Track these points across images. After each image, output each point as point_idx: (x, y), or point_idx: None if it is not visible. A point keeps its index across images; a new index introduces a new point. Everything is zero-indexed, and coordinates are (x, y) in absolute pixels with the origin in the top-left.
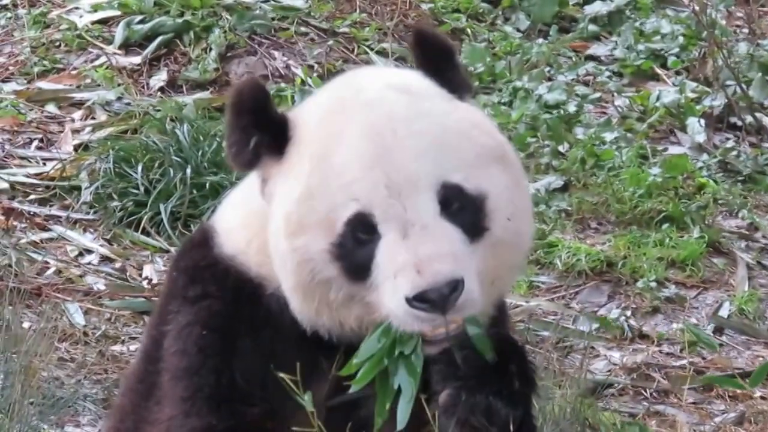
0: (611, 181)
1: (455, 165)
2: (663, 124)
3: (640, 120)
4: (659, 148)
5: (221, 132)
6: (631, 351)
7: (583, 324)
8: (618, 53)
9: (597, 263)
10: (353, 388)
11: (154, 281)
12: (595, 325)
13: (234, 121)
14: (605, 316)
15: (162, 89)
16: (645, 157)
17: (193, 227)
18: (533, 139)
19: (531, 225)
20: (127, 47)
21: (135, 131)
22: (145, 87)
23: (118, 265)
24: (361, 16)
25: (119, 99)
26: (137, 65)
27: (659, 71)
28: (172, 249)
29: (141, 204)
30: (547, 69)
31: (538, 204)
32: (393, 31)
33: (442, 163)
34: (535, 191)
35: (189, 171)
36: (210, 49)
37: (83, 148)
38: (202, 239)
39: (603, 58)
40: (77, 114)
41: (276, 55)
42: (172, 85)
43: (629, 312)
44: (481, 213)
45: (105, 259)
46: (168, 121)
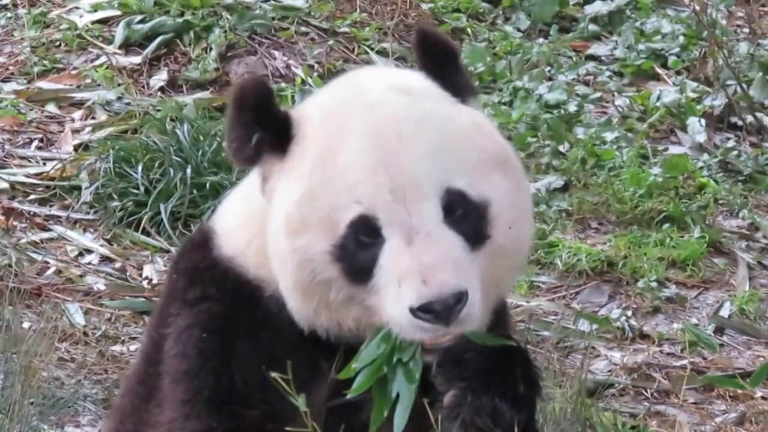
0: (612, 181)
1: (459, 170)
2: (663, 123)
3: (640, 120)
4: (660, 147)
5: (221, 132)
6: (632, 351)
7: (584, 324)
8: (618, 53)
9: (597, 263)
10: (351, 394)
11: (154, 281)
12: (596, 325)
13: (236, 117)
14: (606, 315)
15: (162, 89)
16: (645, 157)
17: (194, 227)
18: (534, 139)
19: (531, 230)
20: (127, 47)
21: (135, 131)
22: (146, 87)
23: (118, 265)
24: (362, 15)
25: (119, 99)
26: (137, 65)
27: (660, 71)
28: (172, 249)
29: (141, 204)
30: (548, 69)
31: (538, 204)
32: (393, 31)
33: (446, 168)
34: (536, 191)
35: (189, 171)
36: (210, 49)
37: (83, 148)
38: (201, 240)
39: (603, 57)
40: (77, 114)
41: (276, 55)
42: (172, 85)
43: (630, 312)
44: (483, 220)
45: (105, 259)
46: (168, 121)
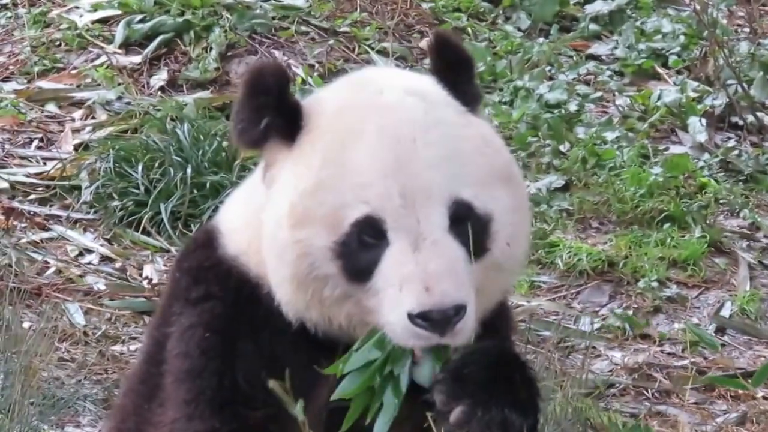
0: (612, 181)
1: (467, 181)
2: (664, 123)
3: (641, 119)
4: (660, 147)
5: (222, 131)
6: (633, 351)
7: (585, 324)
8: (619, 52)
9: (598, 263)
10: (335, 397)
11: (154, 281)
12: (597, 325)
13: (248, 99)
14: (609, 313)
15: (162, 89)
16: (646, 157)
17: (194, 227)
18: (534, 139)
19: (526, 249)
20: (128, 46)
21: (135, 131)
22: (146, 86)
23: (118, 265)
24: (362, 15)
25: (119, 98)
26: (137, 65)
27: (660, 70)
28: (172, 249)
29: (141, 204)
30: (548, 68)
31: (539, 203)
32: (394, 31)
33: (456, 178)
34: (537, 190)
35: (189, 170)
36: (210, 49)
37: (83, 147)
38: (205, 240)
39: (604, 57)
40: (77, 113)
41: (276, 55)
42: (172, 85)
43: (631, 312)
44: (485, 234)
45: (105, 259)
46: (168, 121)
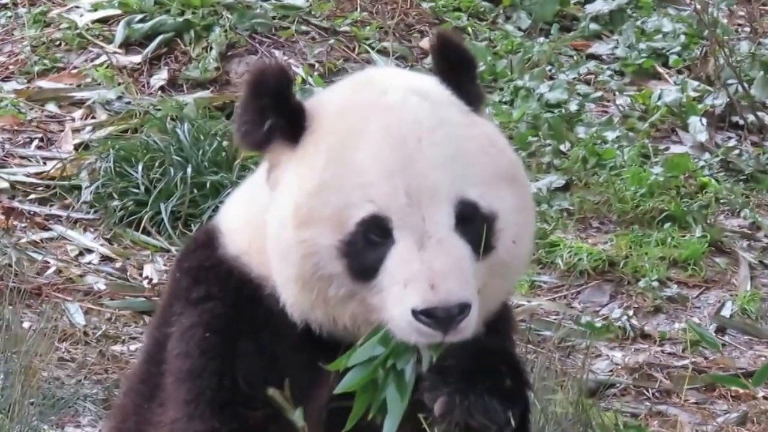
0: (613, 181)
1: (473, 181)
2: (664, 123)
3: (641, 119)
4: (661, 147)
5: (222, 131)
6: (633, 351)
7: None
8: (619, 52)
9: (599, 263)
10: (338, 390)
11: (154, 281)
12: (597, 325)
13: (251, 101)
14: (608, 315)
15: (162, 88)
16: (646, 156)
17: (194, 227)
18: (535, 138)
19: (531, 248)
20: (128, 46)
21: (135, 130)
22: (146, 86)
23: (118, 265)
24: (362, 14)
25: (119, 98)
26: (138, 64)
27: (661, 70)
28: (172, 248)
29: (141, 203)
30: (549, 68)
31: (539, 203)
32: (394, 30)
33: (461, 177)
34: (537, 190)
35: (189, 170)
36: (210, 48)
37: (83, 147)
38: (206, 240)
39: (604, 56)
40: (77, 113)
41: (277, 54)
42: (172, 84)
43: (631, 312)
44: (491, 233)
45: (105, 259)
46: (168, 121)
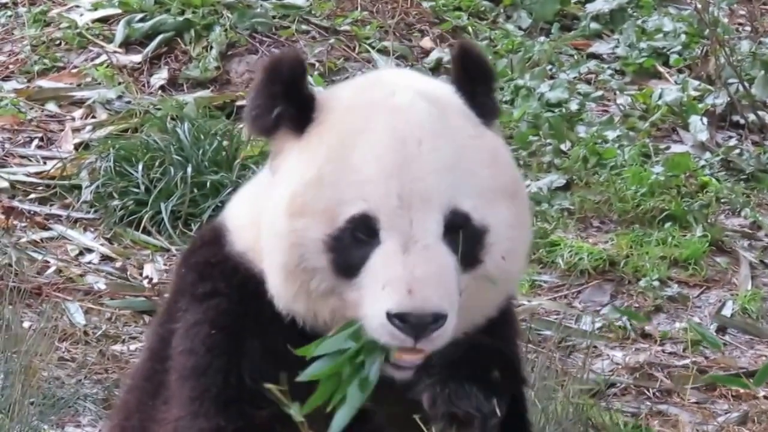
0: (613, 180)
1: (468, 192)
2: (665, 122)
3: (642, 118)
4: (661, 146)
5: (222, 130)
6: (634, 350)
7: (586, 323)
8: (620, 51)
9: (599, 262)
10: (302, 378)
11: (154, 280)
12: (598, 324)
13: (263, 87)
14: (608, 314)
15: (163, 88)
16: (647, 156)
17: (194, 226)
18: (535, 138)
19: (522, 264)
20: (128, 45)
21: (135, 130)
22: (146, 85)
23: (118, 265)
24: (363, 14)
25: (120, 97)
26: (138, 64)
27: (661, 69)
28: (172, 248)
29: (141, 203)
30: (549, 67)
31: (540, 203)
32: (394, 30)
33: (457, 187)
34: (537, 190)
35: (190, 170)
36: (211, 48)
37: (84, 146)
38: (213, 237)
39: (605, 56)
40: (78, 113)
41: None
42: (172, 84)
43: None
44: (479, 245)
45: (105, 259)
46: (169, 120)
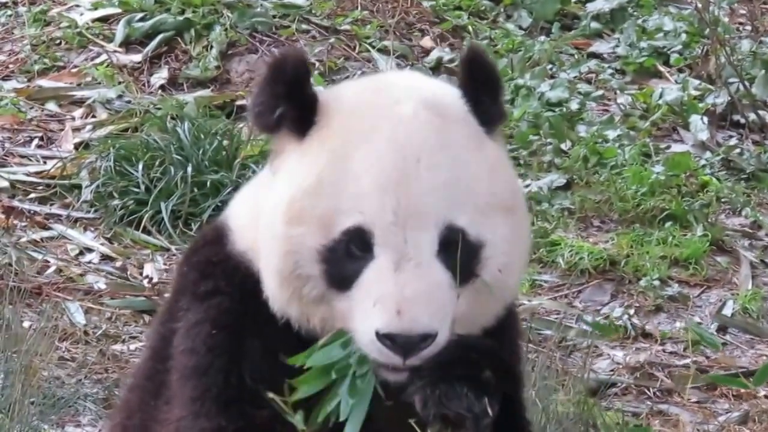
0: (614, 179)
1: (464, 208)
2: (666, 121)
3: (642, 118)
4: (662, 145)
5: (222, 130)
6: (634, 350)
7: (586, 323)
8: (620, 51)
9: (600, 262)
10: (298, 395)
11: (154, 280)
12: (589, 326)
13: (267, 85)
14: (609, 314)
15: (163, 87)
16: (648, 155)
17: (194, 226)
18: (535, 137)
19: (520, 276)
20: (128, 45)
21: (136, 129)
22: (146, 85)
23: (118, 264)
24: (363, 13)
25: (120, 97)
26: (138, 63)
27: (662, 69)
28: (172, 247)
29: (142, 202)
30: (550, 66)
31: (540, 202)
32: (394, 29)
33: (453, 204)
34: (538, 189)
35: (190, 169)
36: (211, 47)
37: (84, 146)
38: (215, 236)
39: (605, 55)
40: (78, 112)
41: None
42: (172, 83)
43: (632, 311)
44: (475, 260)
45: (105, 258)
46: (169, 120)
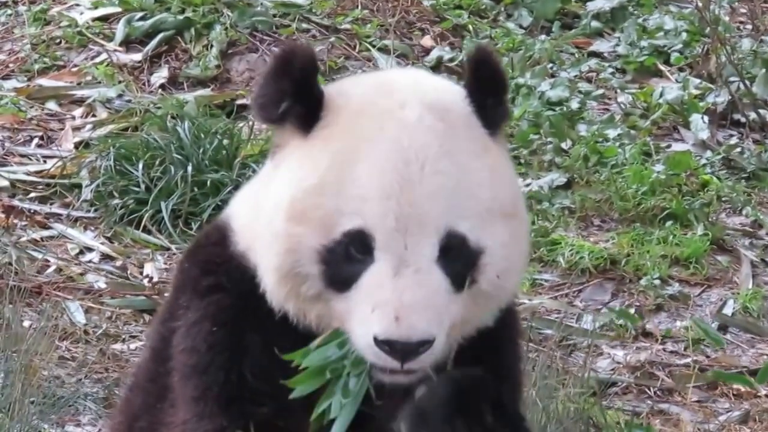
0: (614, 179)
1: (466, 214)
2: (666, 120)
3: (643, 117)
4: (662, 145)
5: (222, 129)
6: (635, 349)
7: (587, 322)
8: (621, 50)
9: (600, 261)
10: (294, 395)
11: (155, 279)
12: (599, 323)
13: (272, 78)
14: (615, 308)
15: (163, 86)
16: (648, 154)
17: (195, 225)
18: (536, 136)
19: (519, 281)
20: (128, 44)
21: (136, 129)
22: (146, 84)
23: (118, 264)
24: (363, 12)
25: (120, 96)
26: (138, 62)
27: (662, 68)
28: (173, 247)
29: (142, 202)
30: (550, 66)
31: (541, 201)
32: (395, 28)
33: (455, 210)
34: (538, 188)
35: (190, 169)
36: (211, 46)
37: (84, 145)
38: (218, 237)
39: (606, 54)
40: (78, 111)
41: None
42: (173, 83)
43: (633, 310)
44: (474, 266)
45: (106, 257)
46: (169, 119)
